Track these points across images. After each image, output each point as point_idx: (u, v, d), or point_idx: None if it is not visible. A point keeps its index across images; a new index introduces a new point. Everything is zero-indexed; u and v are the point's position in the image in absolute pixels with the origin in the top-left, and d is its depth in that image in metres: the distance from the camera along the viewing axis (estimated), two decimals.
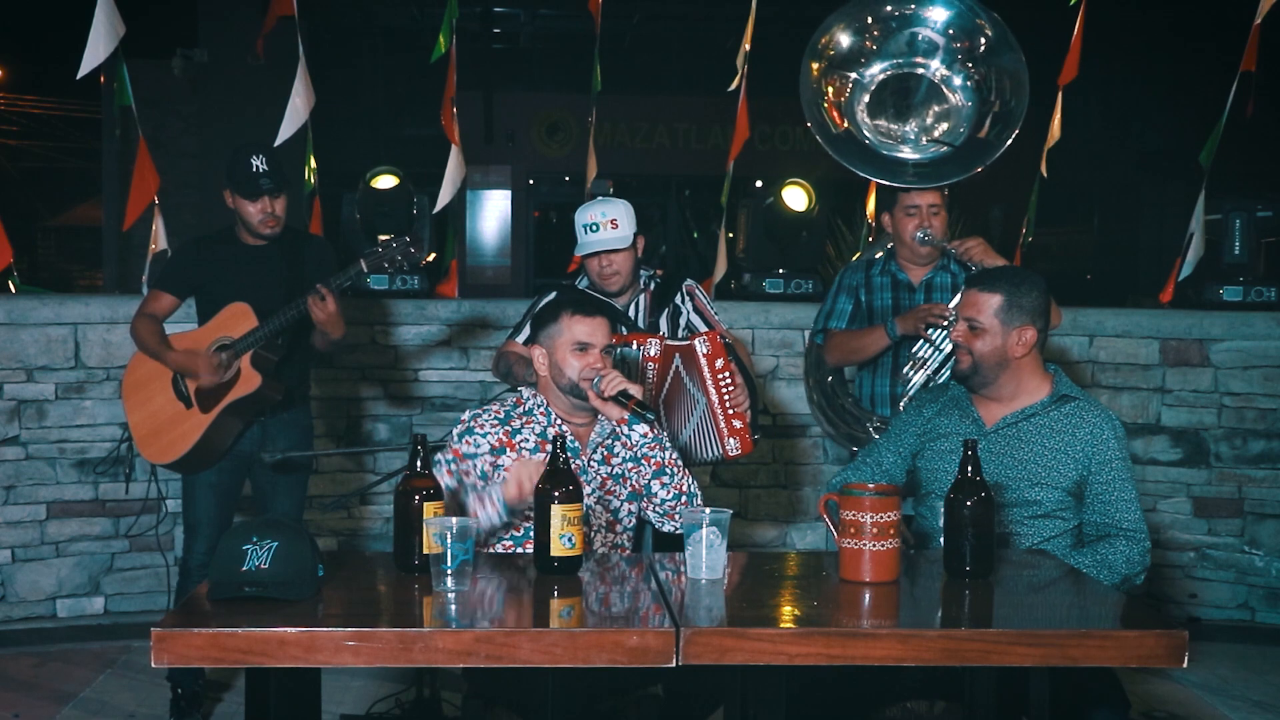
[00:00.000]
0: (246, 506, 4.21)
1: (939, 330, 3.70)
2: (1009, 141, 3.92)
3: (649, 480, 2.99)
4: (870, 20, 3.96)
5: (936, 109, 4.00)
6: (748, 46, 5.82)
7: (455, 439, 2.97)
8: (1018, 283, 3.03)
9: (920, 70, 3.97)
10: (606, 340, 3.02)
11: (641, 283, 3.81)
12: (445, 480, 2.85)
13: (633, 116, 15.32)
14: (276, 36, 6.00)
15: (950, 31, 3.94)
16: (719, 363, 3.41)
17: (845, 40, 3.98)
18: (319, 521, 4.95)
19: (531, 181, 16.09)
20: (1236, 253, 5.40)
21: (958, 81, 3.96)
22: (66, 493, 4.88)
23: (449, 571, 2.35)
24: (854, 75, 3.97)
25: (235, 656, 2.13)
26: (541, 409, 3.01)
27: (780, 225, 5.49)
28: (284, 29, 5.78)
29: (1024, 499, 2.95)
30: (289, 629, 2.12)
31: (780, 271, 5.52)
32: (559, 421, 3.00)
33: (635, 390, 2.93)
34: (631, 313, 3.79)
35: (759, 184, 10.81)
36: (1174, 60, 13.68)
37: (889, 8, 3.96)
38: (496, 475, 2.91)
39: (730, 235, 6.05)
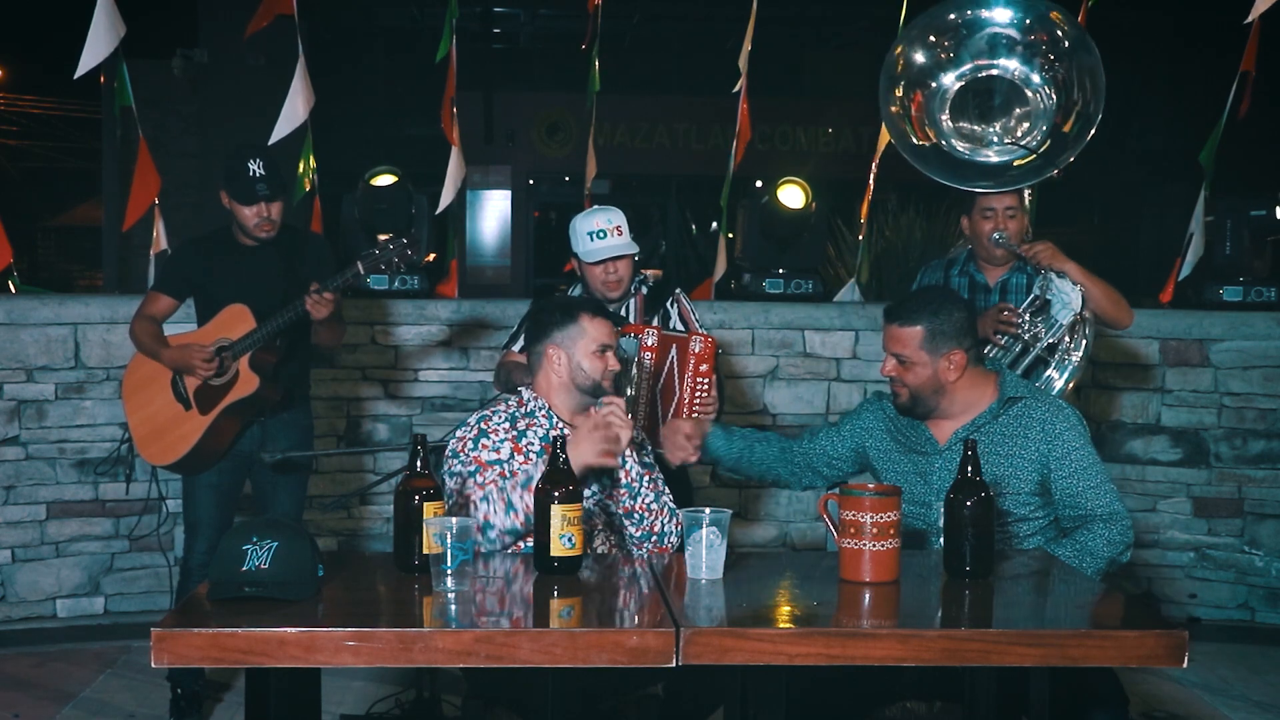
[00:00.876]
0: (247, 506, 4.21)
1: (1009, 336, 3.71)
2: (1086, 140, 3.88)
3: (621, 515, 2.96)
4: (937, 34, 3.93)
5: (1019, 110, 3.97)
6: (749, 48, 5.83)
7: (470, 444, 2.87)
8: (935, 310, 2.97)
9: (997, 71, 3.93)
10: (615, 342, 3.01)
11: (632, 288, 3.84)
12: (474, 495, 2.77)
13: (633, 116, 15.33)
14: (276, 36, 6.00)
15: (1027, 22, 3.89)
16: (703, 367, 3.49)
17: (920, 57, 3.96)
18: (319, 521, 4.95)
19: (531, 181, 16.11)
20: (1227, 252, 5.41)
21: (1036, 79, 3.92)
22: (66, 493, 4.88)
23: (449, 571, 2.35)
24: (933, 84, 3.95)
25: (235, 656, 2.13)
26: (543, 411, 2.96)
27: (777, 223, 5.49)
28: (284, 29, 5.77)
29: None
30: (289, 629, 2.12)
31: (780, 271, 5.52)
32: (560, 425, 2.98)
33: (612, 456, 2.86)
34: (623, 314, 3.83)
35: (759, 184, 10.83)
36: (1174, 60, 13.70)
37: (953, 16, 3.92)
38: (510, 481, 2.87)
39: (730, 235, 6.06)
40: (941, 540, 2.81)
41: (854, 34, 14.53)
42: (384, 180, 5.23)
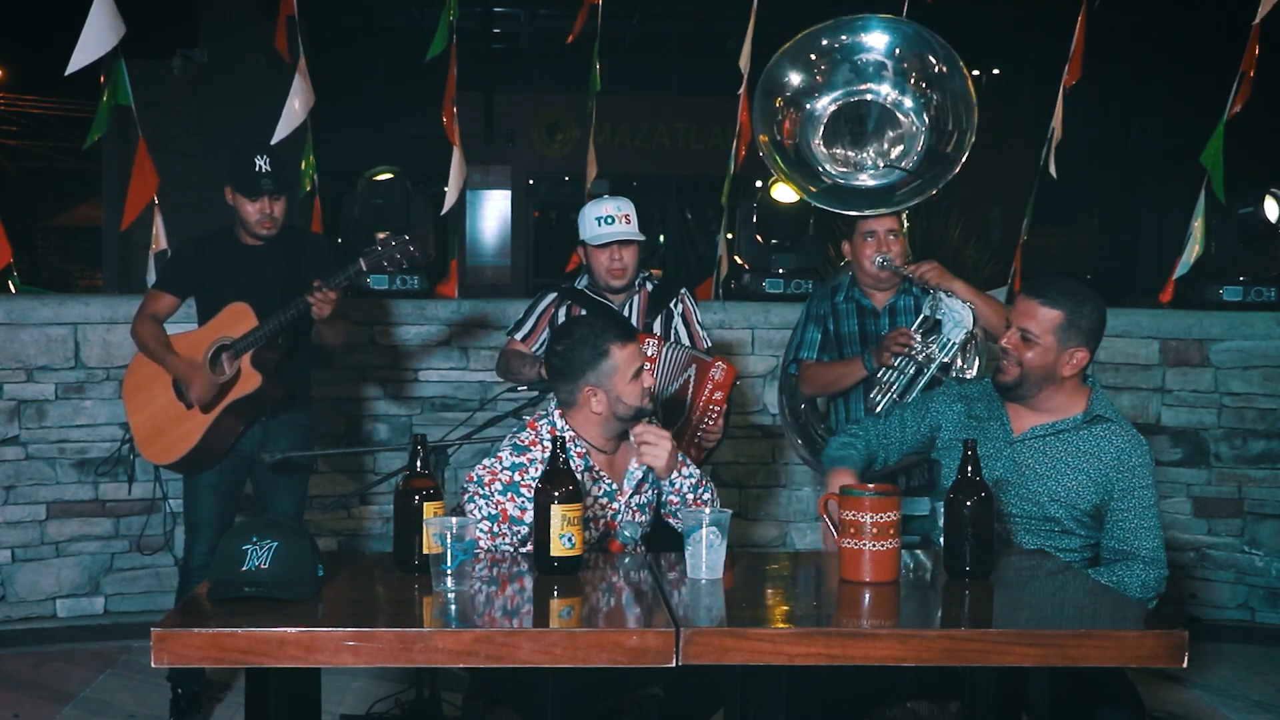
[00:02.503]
0: (247, 506, 4.21)
1: (904, 358, 3.69)
2: (961, 162, 3.95)
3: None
4: (815, 55, 4.00)
5: (891, 134, 4.04)
6: (750, 48, 5.83)
7: (499, 490, 2.78)
8: (1080, 301, 2.92)
9: (870, 96, 4.01)
10: (643, 357, 2.95)
11: (636, 284, 3.84)
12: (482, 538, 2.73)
13: (633, 116, 15.33)
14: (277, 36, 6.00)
15: (897, 52, 3.99)
16: (718, 395, 3.53)
17: (795, 77, 4.03)
18: (319, 521, 4.95)
19: (531, 181, 16.11)
20: (1212, 251, 5.42)
21: (909, 104, 3.99)
22: (66, 493, 4.88)
23: (449, 571, 2.35)
24: (807, 107, 4.02)
25: (235, 656, 2.13)
26: (580, 450, 2.87)
27: (774, 220, 5.51)
28: (284, 29, 5.78)
29: (1043, 514, 2.92)
30: (289, 629, 2.12)
31: (780, 271, 5.53)
32: (595, 465, 2.90)
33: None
34: (626, 312, 3.82)
35: (759, 184, 10.84)
36: (1174, 60, 13.71)
37: (827, 41, 4.00)
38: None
39: (730, 236, 6.06)
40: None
41: None
42: (382, 177, 5.24)
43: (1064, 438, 2.95)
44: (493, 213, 15.90)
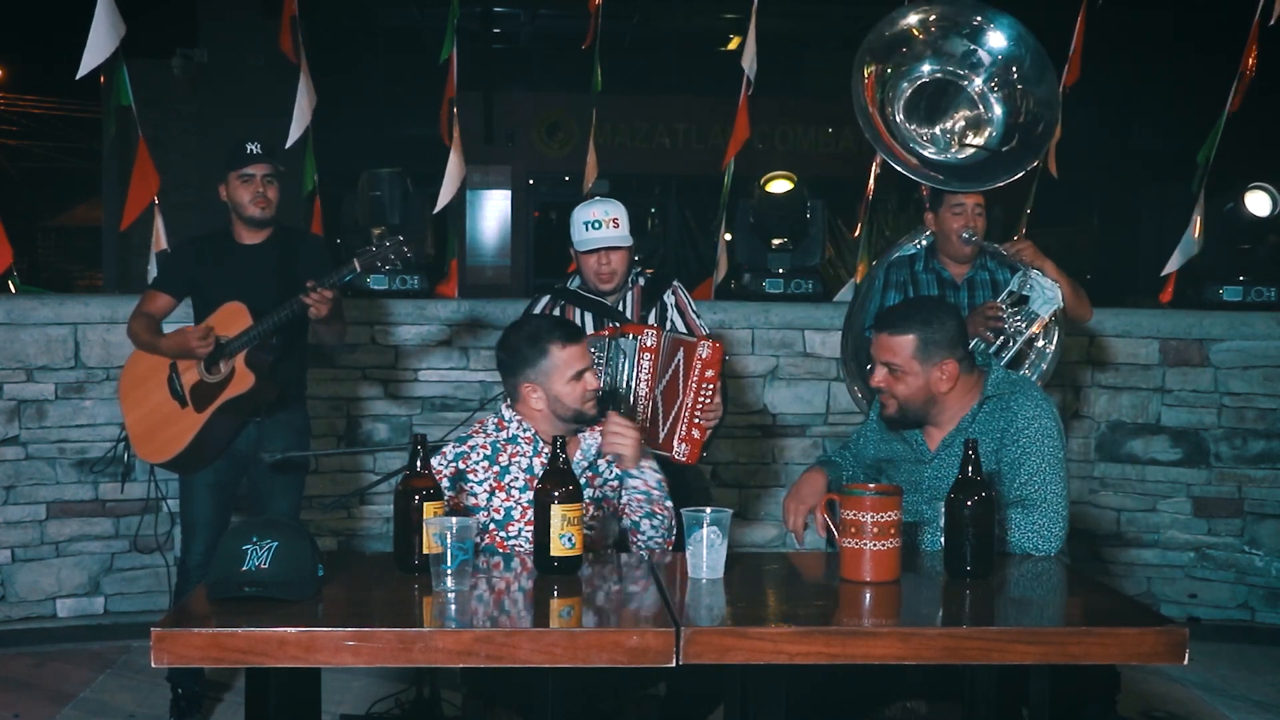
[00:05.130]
0: (244, 506, 4.21)
1: (998, 330, 3.76)
2: (1040, 157, 3.95)
3: (639, 518, 2.92)
4: (938, 16, 3.97)
5: (968, 114, 4.02)
6: (752, 48, 5.83)
7: (448, 484, 2.84)
8: (927, 319, 2.91)
9: (963, 83, 4.01)
10: (589, 360, 2.96)
11: (629, 280, 3.84)
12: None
13: (633, 116, 15.33)
14: (276, 36, 6.00)
15: (1000, 57, 3.97)
16: (709, 372, 3.49)
17: (910, 21, 3.97)
18: (319, 521, 4.95)
19: (531, 181, 16.11)
20: (1199, 250, 5.43)
21: (994, 98, 4.00)
22: (66, 493, 4.88)
23: (449, 571, 2.35)
24: (901, 65, 3.99)
25: (235, 656, 2.13)
26: (527, 435, 2.92)
27: (770, 214, 5.51)
28: (289, 30, 5.78)
29: None
30: (289, 629, 2.12)
31: (780, 271, 5.53)
32: (544, 449, 2.91)
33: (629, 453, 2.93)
34: (620, 308, 3.82)
35: (757, 184, 10.83)
36: (1174, 60, 13.71)
37: (960, 17, 3.98)
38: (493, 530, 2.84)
39: (729, 236, 6.07)
40: (928, 548, 2.81)
41: (855, 34, 14.53)
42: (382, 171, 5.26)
43: (966, 433, 2.92)
44: (493, 213, 15.90)
